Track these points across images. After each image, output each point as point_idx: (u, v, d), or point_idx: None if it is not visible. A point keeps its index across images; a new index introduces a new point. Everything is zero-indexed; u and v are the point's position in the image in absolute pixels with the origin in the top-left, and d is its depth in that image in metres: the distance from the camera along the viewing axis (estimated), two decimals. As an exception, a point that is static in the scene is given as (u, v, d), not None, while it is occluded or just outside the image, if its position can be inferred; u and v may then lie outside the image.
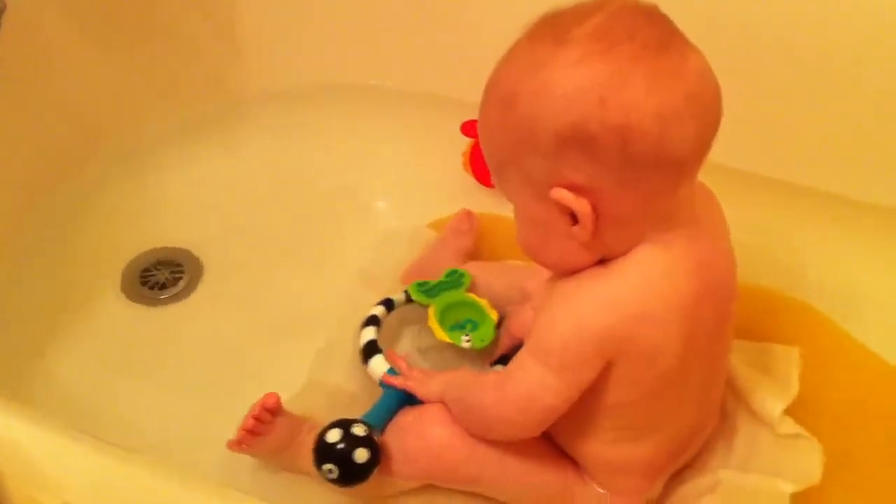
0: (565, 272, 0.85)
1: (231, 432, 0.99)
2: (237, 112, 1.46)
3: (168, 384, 1.13)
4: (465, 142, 1.29)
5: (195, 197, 1.37)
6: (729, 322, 0.90)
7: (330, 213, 1.34)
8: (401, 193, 1.36)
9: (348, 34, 1.44)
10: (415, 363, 1.07)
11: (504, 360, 1.04)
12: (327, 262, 1.28)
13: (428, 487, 0.97)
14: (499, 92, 0.79)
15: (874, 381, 1.06)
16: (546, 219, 0.80)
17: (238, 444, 0.98)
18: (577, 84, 0.73)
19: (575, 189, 0.77)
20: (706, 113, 0.77)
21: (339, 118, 1.44)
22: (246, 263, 1.28)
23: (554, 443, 0.95)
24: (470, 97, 0.85)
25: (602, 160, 0.75)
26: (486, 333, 1.09)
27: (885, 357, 1.07)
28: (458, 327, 1.10)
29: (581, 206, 0.77)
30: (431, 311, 1.10)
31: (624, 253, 0.81)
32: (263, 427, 0.97)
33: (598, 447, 0.91)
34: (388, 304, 1.12)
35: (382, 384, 1.01)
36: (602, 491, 0.94)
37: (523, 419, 0.87)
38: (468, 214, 1.23)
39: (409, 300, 1.13)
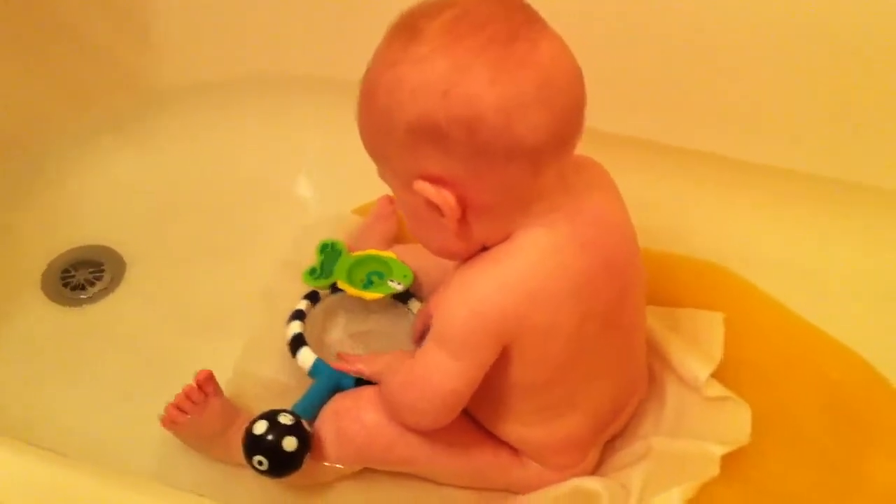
0: (452, 258, 0.88)
1: (163, 434, 0.99)
2: (150, 108, 1.43)
3: (95, 384, 1.11)
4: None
5: (113, 195, 1.34)
6: (633, 293, 0.91)
7: (251, 204, 1.33)
8: (323, 181, 1.35)
9: (259, 24, 1.42)
10: (351, 349, 1.07)
11: None
12: (251, 254, 1.27)
13: (366, 472, 0.97)
14: (363, 86, 0.81)
15: (796, 340, 1.08)
16: (417, 209, 0.82)
17: (169, 421, 0.98)
18: (422, 78, 0.75)
19: (434, 180, 0.79)
20: (559, 99, 0.78)
21: (254, 109, 1.43)
22: (168, 259, 1.27)
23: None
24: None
25: (453, 152, 0.77)
26: (400, 271, 1.13)
27: (810, 319, 1.10)
28: (370, 284, 1.13)
29: (442, 197, 0.79)
30: (343, 285, 1.12)
31: (505, 238, 0.83)
32: (193, 406, 0.97)
33: (521, 429, 0.93)
34: (314, 296, 1.12)
35: (312, 374, 1.01)
36: (538, 466, 0.95)
37: (427, 405, 0.88)
38: (389, 199, 1.24)
39: (333, 290, 1.13)
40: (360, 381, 0.99)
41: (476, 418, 0.95)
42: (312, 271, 1.15)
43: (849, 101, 1.17)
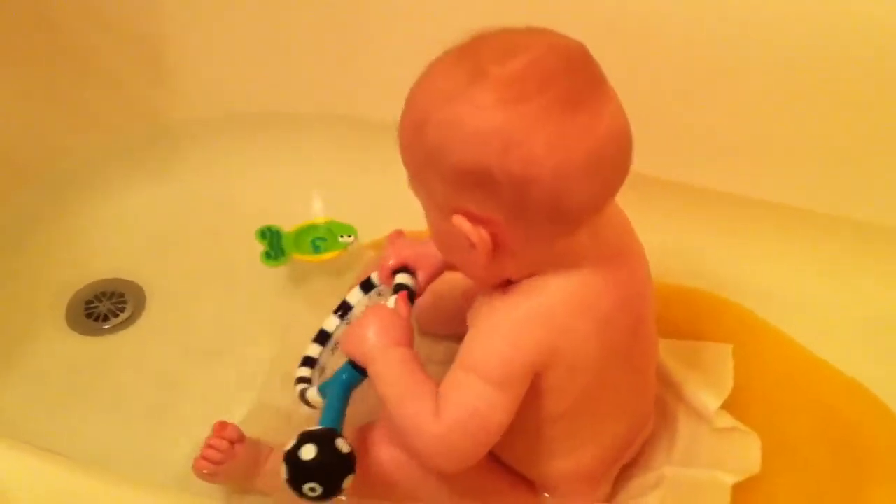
0: (474, 280, 0.89)
1: (184, 459, 1.01)
2: (164, 141, 1.46)
3: (118, 411, 1.14)
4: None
5: (130, 226, 1.37)
6: (647, 327, 0.93)
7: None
8: (334, 216, 1.34)
9: (270, 61, 1.45)
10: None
11: None
12: (266, 285, 1.29)
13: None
14: (414, 110, 0.80)
15: (799, 370, 1.11)
16: (449, 235, 0.83)
17: (200, 471, 0.99)
18: (484, 128, 0.75)
19: (473, 219, 0.80)
20: (610, 171, 0.80)
21: (268, 144, 1.45)
22: (187, 290, 1.29)
23: (502, 462, 0.97)
24: (395, 118, 0.88)
25: (498, 201, 0.78)
26: (342, 228, 1.26)
27: (811, 348, 1.12)
28: (318, 249, 1.25)
29: (478, 235, 0.80)
30: (300, 257, 1.24)
31: (531, 274, 0.84)
32: (220, 455, 0.98)
33: (540, 461, 0.94)
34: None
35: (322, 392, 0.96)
36: (553, 499, 0.96)
37: (473, 443, 0.85)
38: (399, 233, 1.25)
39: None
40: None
41: (495, 450, 0.94)
42: (267, 254, 1.25)
43: (843, 137, 1.20)
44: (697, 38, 1.20)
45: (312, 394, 0.96)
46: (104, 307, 1.26)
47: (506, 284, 0.86)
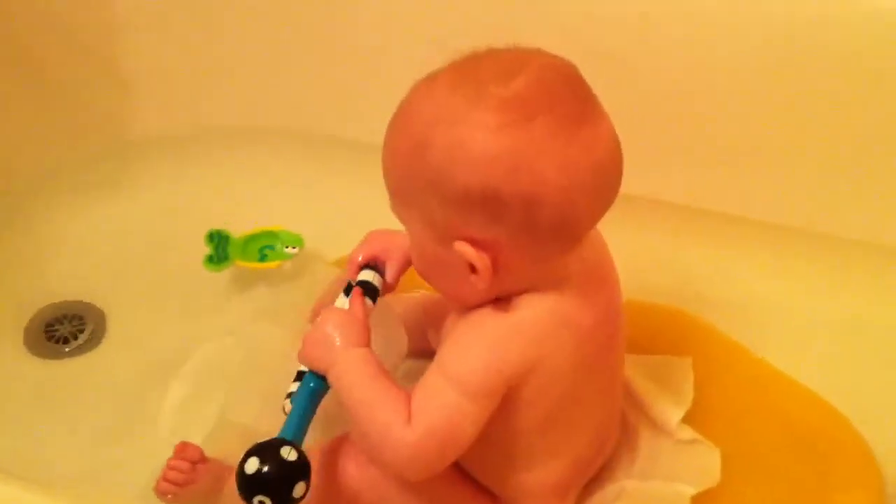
0: (461, 305, 0.88)
1: (145, 481, 1.01)
2: (120, 157, 1.46)
3: (78, 435, 1.14)
4: (361, 181, 1.31)
5: (87, 246, 1.37)
6: (618, 341, 0.95)
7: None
8: (300, 232, 1.35)
9: (232, 77, 1.46)
10: None
11: None
12: (227, 302, 1.29)
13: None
14: (412, 131, 0.80)
15: (762, 384, 1.11)
16: (444, 261, 0.83)
17: (162, 494, 0.99)
18: (493, 150, 0.76)
19: (476, 244, 0.80)
20: (610, 185, 0.81)
21: (230, 159, 1.46)
22: (147, 310, 1.29)
23: (468, 474, 0.97)
24: (364, 137, 0.88)
25: (506, 222, 0.78)
26: (290, 238, 1.28)
27: (770, 361, 1.14)
28: (264, 257, 1.27)
29: (482, 261, 0.80)
30: (242, 264, 1.26)
31: (521, 292, 0.85)
32: (182, 476, 0.98)
33: (507, 473, 0.94)
34: None
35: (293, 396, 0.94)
36: None
37: (442, 453, 0.84)
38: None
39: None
40: None
41: (460, 461, 0.94)
42: (210, 258, 1.27)
43: (808, 151, 1.23)
44: (678, 59, 1.23)
45: (286, 404, 0.94)
46: (64, 329, 1.25)
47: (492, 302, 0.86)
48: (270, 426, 1.05)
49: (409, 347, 1.05)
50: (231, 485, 0.97)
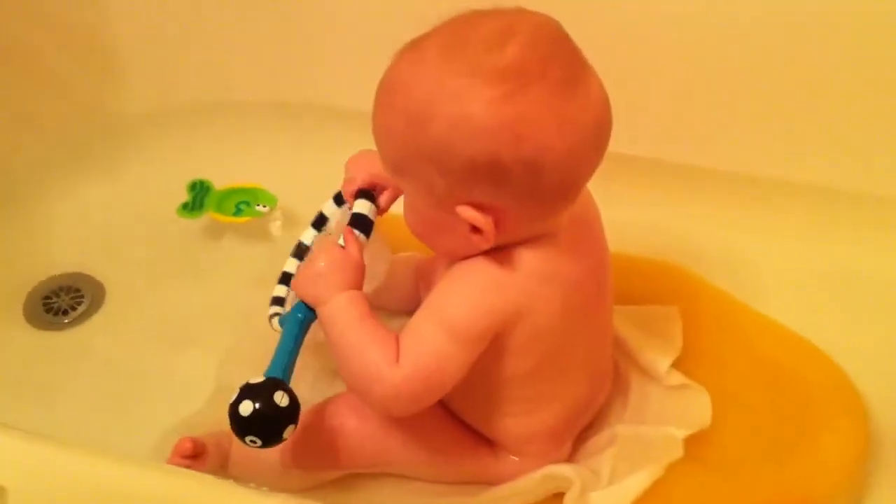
0: (453, 258, 0.90)
1: (148, 451, 1.04)
2: (115, 135, 1.46)
3: (79, 405, 1.15)
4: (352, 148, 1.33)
5: (84, 222, 1.38)
6: (607, 292, 0.97)
7: (222, 225, 1.36)
8: (288, 203, 1.37)
9: (221, 51, 1.46)
10: None
11: None
12: (223, 273, 1.31)
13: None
14: (407, 106, 0.80)
15: (744, 327, 1.14)
16: (444, 223, 0.85)
17: None
18: (494, 121, 0.77)
19: (480, 207, 0.81)
20: (604, 138, 0.83)
21: (218, 134, 1.46)
22: (145, 281, 1.30)
23: (468, 425, 1.00)
24: (352, 104, 0.90)
25: (510, 188, 0.80)
26: (265, 197, 1.33)
27: (756, 307, 1.16)
28: (239, 212, 1.32)
29: (486, 223, 0.82)
30: (215, 216, 1.31)
31: (514, 244, 0.87)
32: (189, 463, 0.98)
33: (503, 420, 0.96)
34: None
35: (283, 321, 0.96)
36: (515, 458, 0.99)
37: (425, 396, 0.88)
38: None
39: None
40: None
41: (458, 412, 0.99)
42: (185, 205, 1.32)
43: (782, 100, 1.24)
44: (666, 18, 1.24)
45: (275, 323, 0.98)
46: (62, 301, 1.27)
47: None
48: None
49: (402, 307, 1.07)
50: (236, 452, 1.00)
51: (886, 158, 1.23)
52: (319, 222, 1.07)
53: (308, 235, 1.07)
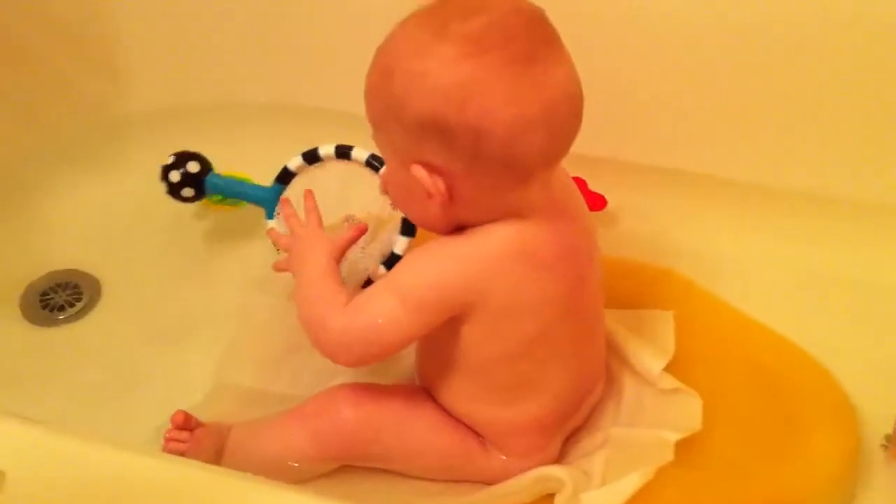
0: (430, 230, 0.92)
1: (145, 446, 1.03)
2: (115, 134, 1.47)
3: (75, 400, 1.14)
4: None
5: (83, 219, 1.38)
6: (591, 284, 0.97)
7: (218, 224, 1.37)
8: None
9: (222, 51, 1.47)
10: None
11: None
12: (221, 271, 1.32)
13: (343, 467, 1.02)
14: (382, 60, 0.84)
15: (734, 332, 1.15)
16: (407, 184, 0.87)
17: None
18: (445, 80, 0.80)
19: (431, 168, 0.84)
20: (560, 125, 0.84)
21: (221, 135, 1.45)
22: (142, 279, 1.31)
23: (453, 415, 1.01)
24: (352, 107, 0.90)
25: (455, 151, 0.82)
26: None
27: (745, 310, 1.17)
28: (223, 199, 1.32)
29: (435, 185, 0.84)
30: (208, 203, 1.32)
31: (485, 223, 0.88)
32: (182, 445, 1.00)
33: (487, 409, 0.98)
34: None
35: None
36: (504, 457, 1.00)
37: (362, 350, 0.92)
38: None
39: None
40: None
41: (443, 400, 1.00)
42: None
43: (776, 108, 1.25)
44: (659, 21, 1.25)
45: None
46: (60, 298, 1.27)
47: (457, 230, 0.90)
48: (264, 388, 1.10)
49: None
50: (232, 442, 1.01)
51: (877, 165, 1.24)
52: (312, 157, 1.18)
53: (294, 162, 1.19)
